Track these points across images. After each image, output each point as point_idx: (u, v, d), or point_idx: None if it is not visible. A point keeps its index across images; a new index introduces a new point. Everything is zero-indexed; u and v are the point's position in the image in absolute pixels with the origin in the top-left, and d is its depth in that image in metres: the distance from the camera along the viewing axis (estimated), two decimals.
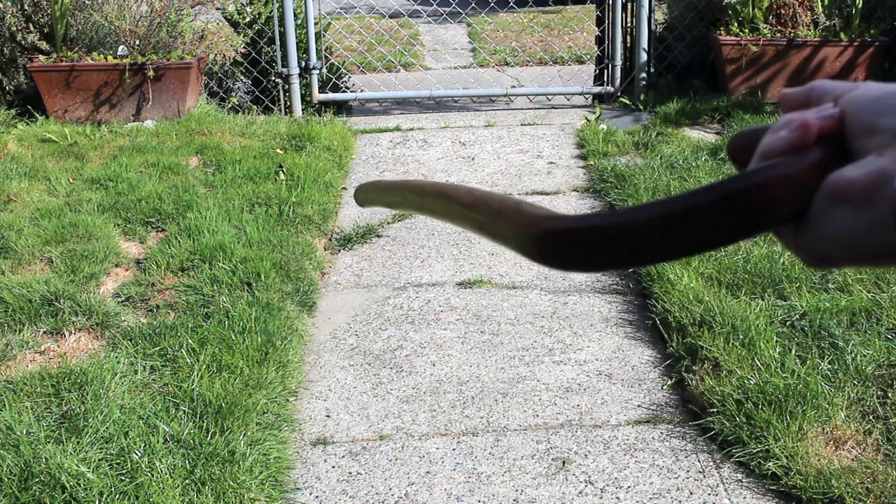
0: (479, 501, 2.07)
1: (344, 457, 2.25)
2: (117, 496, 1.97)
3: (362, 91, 5.52)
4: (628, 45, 5.36)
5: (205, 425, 2.22)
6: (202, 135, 4.64)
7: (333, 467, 2.21)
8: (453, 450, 2.25)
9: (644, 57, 5.26)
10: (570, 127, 4.98)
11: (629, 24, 5.34)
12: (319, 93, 5.30)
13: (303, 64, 5.21)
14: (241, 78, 5.46)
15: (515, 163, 4.46)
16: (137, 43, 4.84)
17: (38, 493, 1.96)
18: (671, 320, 2.72)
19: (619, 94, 5.34)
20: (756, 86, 5.01)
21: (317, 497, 2.11)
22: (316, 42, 5.23)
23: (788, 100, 0.47)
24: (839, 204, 0.40)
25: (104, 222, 3.47)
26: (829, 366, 2.38)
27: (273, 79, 5.25)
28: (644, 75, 5.27)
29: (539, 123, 5.08)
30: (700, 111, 4.90)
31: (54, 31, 4.86)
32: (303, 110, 5.27)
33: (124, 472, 2.04)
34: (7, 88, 5.01)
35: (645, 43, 5.24)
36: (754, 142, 0.45)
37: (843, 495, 1.94)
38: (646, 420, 2.35)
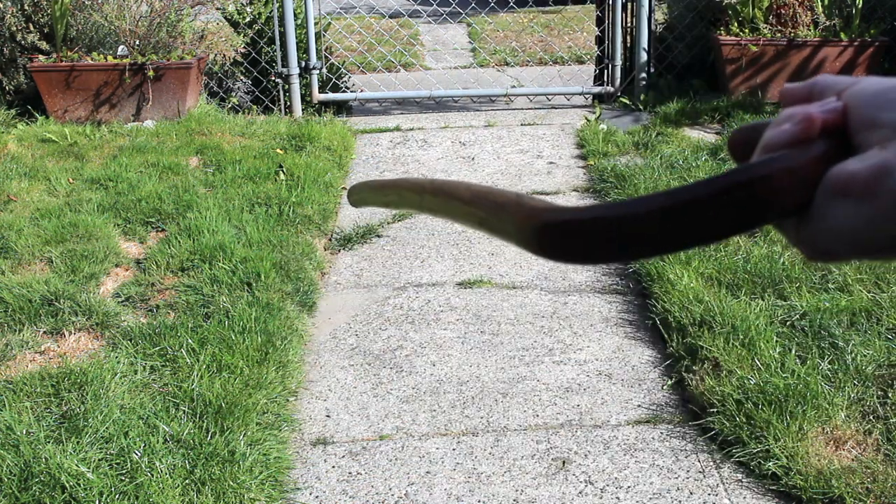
0: (479, 501, 2.07)
1: (344, 457, 2.25)
2: (117, 496, 1.97)
3: (362, 91, 5.52)
4: (628, 45, 5.36)
5: (205, 425, 2.22)
6: (202, 135, 4.64)
7: (333, 467, 2.21)
8: (453, 450, 2.25)
9: (644, 57, 5.26)
10: (570, 127, 4.98)
11: (629, 24, 5.34)
12: (319, 93, 5.30)
13: (303, 64, 5.21)
14: (241, 78, 5.46)
15: (515, 163, 4.46)
16: (137, 43, 4.84)
17: (38, 493, 1.96)
18: (671, 320, 2.72)
19: (619, 94, 5.34)
20: (756, 86, 5.01)
21: (317, 497, 2.11)
22: (316, 42, 5.23)
23: (790, 94, 0.47)
24: (841, 197, 0.40)
25: (104, 222, 3.47)
26: (829, 366, 2.38)
27: (273, 79, 5.25)
28: (644, 75, 5.27)
29: (539, 123, 5.08)
30: (700, 111, 4.90)
31: (54, 31, 4.86)
32: (303, 110, 5.27)
33: (124, 472, 2.04)
34: (7, 88, 5.01)
35: (645, 43, 5.24)
36: (755, 137, 0.45)
37: (843, 495, 1.94)
38: (646, 420, 2.35)
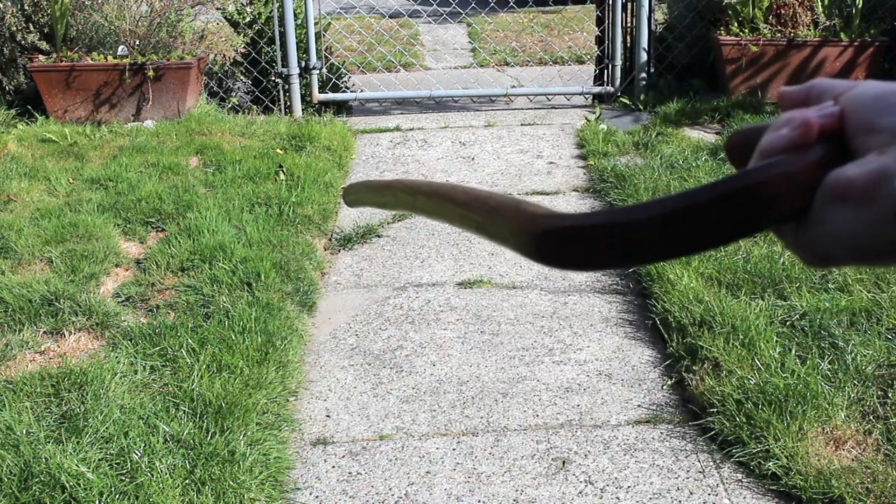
0: (479, 501, 2.07)
1: (344, 457, 2.25)
2: (117, 496, 1.97)
3: (362, 91, 5.52)
4: (628, 45, 5.36)
5: (205, 425, 2.22)
6: (202, 135, 4.64)
7: (333, 467, 2.21)
8: (453, 450, 2.25)
9: (644, 57, 5.26)
10: (570, 127, 4.98)
11: (629, 24, 5.34)
12: (319, 93, 5.30)
13: (303, 64, 5.21)
14: (241, 78, 5.46)
15: (515, 163, 4.46)
16: (137, 43, 4.84)
17: (38, 493, 1.96)
18: (671, 320, 2.72)
19: (619, 94, 5.34)
20: (756, 86, 5.01)
21: (317, 497, 2.11)
22: (316, 42, 5.23)
23: (788, 98, 0.47)
24: (840, 202, 0.40)
25: (104, 222, 3.47)
26: (829, 366, 2.38)
27: (273, 79, 5.25)
28: (644, 75, 5.27)
29: (539, 123, 5.08)
30: (700, 111, 4.90)
31: (54, 31, 4.86)
32: (303, 110, 5.27)
33: (124, 472, 2.04)
34: (7, 88, 5.01)
35: (645, 43, 5.24)
36: (752, 140, 0.45)
37: (843, 495, 1.94)
38: (646, 420, 2.35)
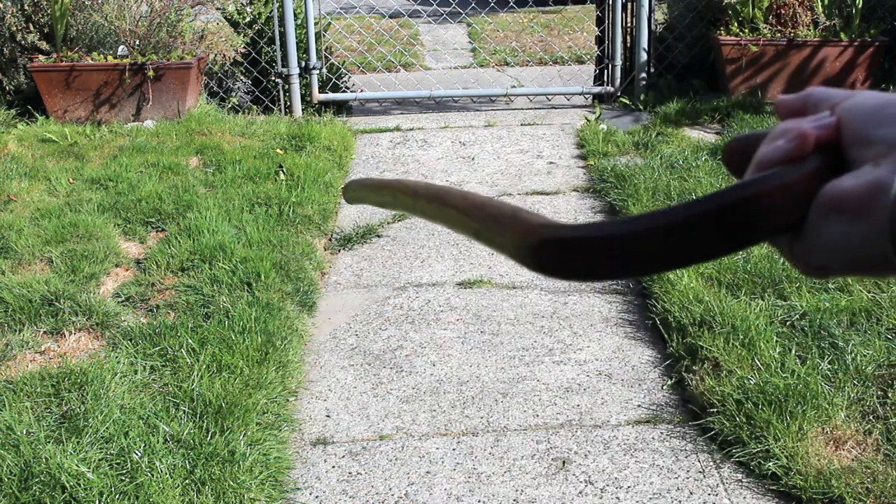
0: (479, 501, 2.07)
1: (344, 457, 2.25)
2: (117, 496, 1.97)
3: (362, 91, 5.52)
4: (628, 45, 5.36)
5: (205, 425, 2.22)
6: (202, 135, 4.64)
7: (333, 467, 2.21)
8: (453, 450, 2.25)
9: (644, 57, 5.26)
10: (570, 127, 4.98)
11: (629, 24, 5.34)
12: (319, 93, 5.30)
13: (303, 64, 5.21)
14: (241, 78, 5.46)
15: (515, 163, 4.46)
16: (137, 43, 4.84)
17: (38, 493, 1.96)
18: (671, 320, 2.72)
19: (619, 94, 5.34)
20: (756, 86, 5.01)
21: (317, 497, 2.11)
22: (316, 42, 5.23)
23: (785, 106, 0.47)
24: (835, 214, 0.40)
25: (104, 222, 3.47)
26: (829, 366, 2.38)
27: (273, 79, 5.25)
28: (644, 75, 5.27)
29: (539, 123, 5.08)
30: (700, 111, 4.90)
31: (54, 31, 4.86)
32: (303, 110, 5.27)
33: (124, 472, 2.04)
34: (7, 88, 5.01)
35: (645, 43, 5.24)
36: (751, 147, 0.46)
37: (843, 495, 1.94)
38: (646, 420, 2.35)
